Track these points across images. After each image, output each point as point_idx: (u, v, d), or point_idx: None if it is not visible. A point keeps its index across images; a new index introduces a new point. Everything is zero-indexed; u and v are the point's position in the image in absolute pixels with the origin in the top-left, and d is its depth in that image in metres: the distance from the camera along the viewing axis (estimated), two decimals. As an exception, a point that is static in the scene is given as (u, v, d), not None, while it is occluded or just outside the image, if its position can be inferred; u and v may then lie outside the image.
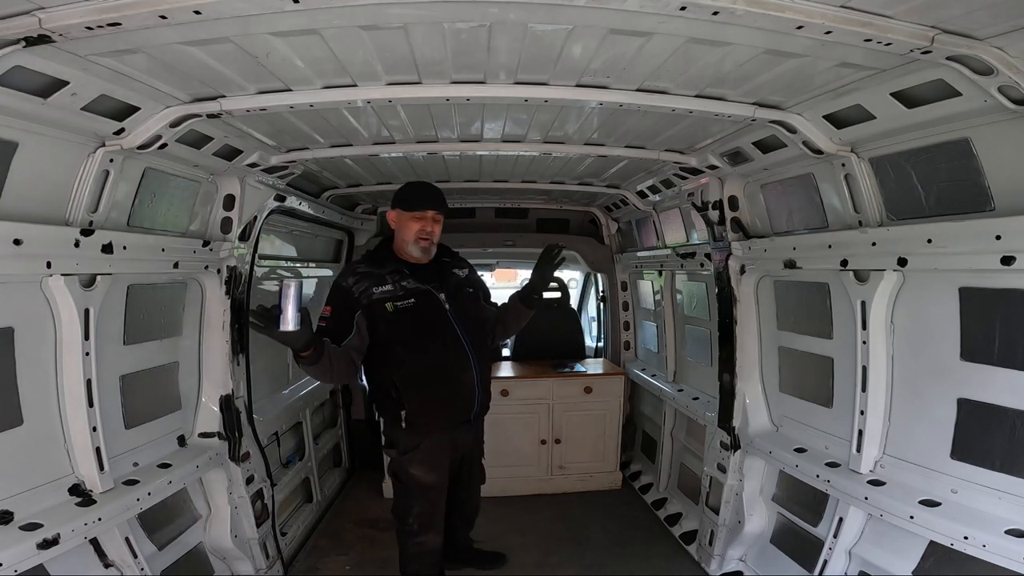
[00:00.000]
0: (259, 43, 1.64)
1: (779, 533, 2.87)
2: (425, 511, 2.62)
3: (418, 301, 2.47)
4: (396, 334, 2.43)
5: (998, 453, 1.85)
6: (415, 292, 2.48)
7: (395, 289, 2.45)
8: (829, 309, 2.52)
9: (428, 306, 2.50)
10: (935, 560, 2.00)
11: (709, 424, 3.29)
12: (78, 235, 1.94)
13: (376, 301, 2.42)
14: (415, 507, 2.60)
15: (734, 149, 2.64)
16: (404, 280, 2.48)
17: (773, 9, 1.40)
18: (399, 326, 2.43)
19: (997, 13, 1.33)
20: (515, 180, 3.80)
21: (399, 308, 2.44)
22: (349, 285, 2.44)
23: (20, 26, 1.38)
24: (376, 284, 2.44)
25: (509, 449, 4.15)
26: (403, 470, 2.58)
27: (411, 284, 2.48)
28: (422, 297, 2.49)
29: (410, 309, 2.45)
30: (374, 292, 2.43)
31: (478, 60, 1.83)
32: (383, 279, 2.46)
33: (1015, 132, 1.65)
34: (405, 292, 2.46)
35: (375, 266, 2.51)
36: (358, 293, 2.42)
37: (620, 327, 5.01)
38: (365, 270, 2.49)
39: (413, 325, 2.45)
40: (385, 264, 2.51)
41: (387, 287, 2.45)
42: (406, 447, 2.55)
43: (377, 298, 2.43)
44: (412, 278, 2.50)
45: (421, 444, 2.54)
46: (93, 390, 2.05)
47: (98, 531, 2.01)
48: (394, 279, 2.47)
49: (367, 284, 2.44)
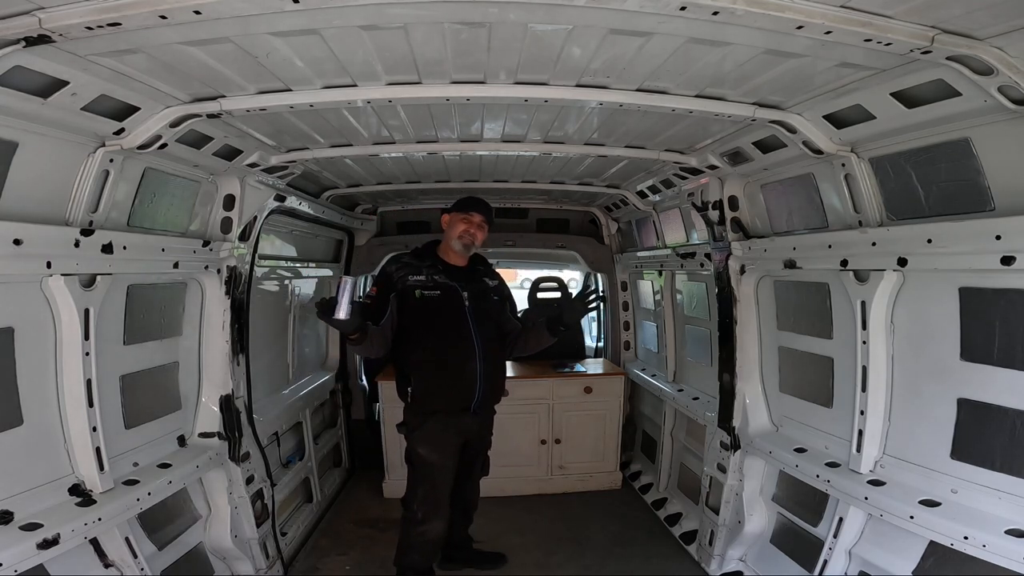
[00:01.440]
0: (259, 43, 1.64)
1: (779, 533, 2.87)
2: (429, 495, 2.77)
3: (443, 294, 2.76)
4: (418, 319, 2.72)
5: (998, 453, 1.85)
6: (443, 286, 2.77)
7: (427, 280, 2.76)
8: (829, 309, 2.52)
9: (451, 300, 2.77)
10: (935, 560, 2.00)
11: (709, 424, 3.29)
12: (78, 235, 1.94)
13: (409, 287, 2.74)
14: (420, 490, 2.78)
15: (734, 149, 2.64)
16: (437, 274, 2.79)
17: (773, 9, 1.40)
18: (422, 312, 2.72)
19: (997, 13, 1.33)
20: (515, 180, 3.80)
21: (425, 296, 2.74)
22: (392, 271, 2.80)
23: (20, 26, 1.37)
24: (412, 273, 2.77)
25: (509, 449, 4.14)
26: (412, 450, 2.80)
27: (441, 279, 2.78)
28: (447, 291, 2.77)
29: (435, 299, 2.75)
30: (409, 279, 2.75)
31: (478, 60, 1.83)
32: (420, 270, 2.79)
33: (1015, 132, 1.65)
34: (435, 284, 2.77)
35: (417, 259, 2.84)
36: (396, 278, 2.75)
37: (620, 327, 5.01)
38: (408, 260, 2.84)
39: (433, 313, 2.74)
40: (425, 259, 2.84)
41: (420, 277, 2.76)
42: (412, 426, 2.79)
43: (410, 284, 2.75)
44: (444, 274, 2.80)
45: (425, 423, 2.76)
46: (93, 390, 2.05)
47: (98, 531, 2.01)
48: (429, 272, 2.78)
49: (406, 272, 2.77)
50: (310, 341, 4.41)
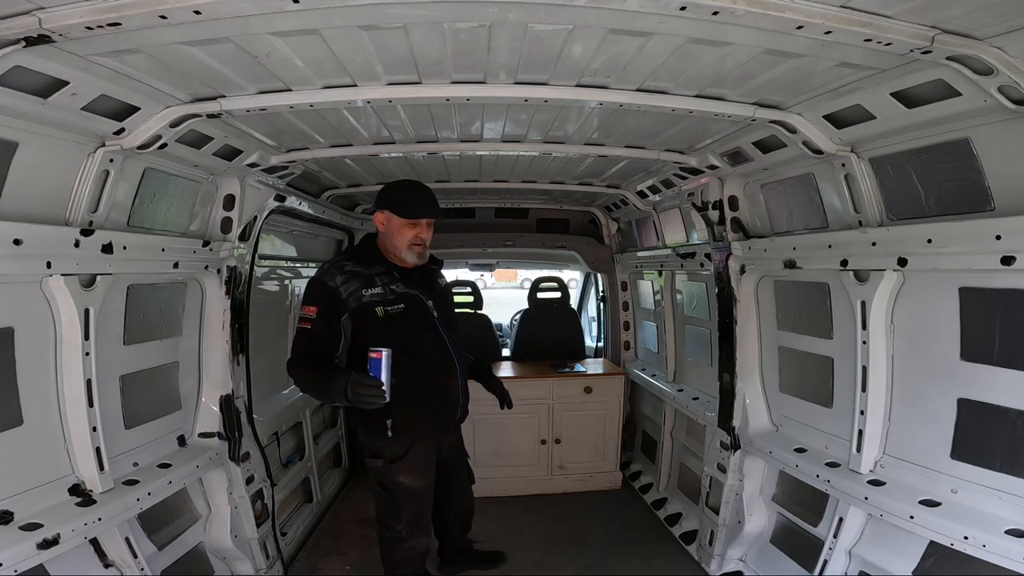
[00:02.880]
0: (259, 43, 1.64)
1: (779, 533, 2.87)
2: (414, 516, 2.57)
3: (408, 307, 2.39)
4: (383, 341, 2.22)
5: (998, 453, 1.85)
6: (405, 297, 2.39)
7: (385, 292, 2.35)
8: (829, 309, 2.52)
9: (417, 312, 2.42)
10: (935, 560, 2.00)
11: (709, 424, 3.29)
12: (78, 235, 1.94)
13: (366, 305, 2.32)
14: (404, 514, 2.54)
15: (734, 149, 2.64)
16: (394, 284, 2.39)
17: (773, 9, 1.40)
18: (387, 332, 2.30)
19: (997, 13, 1.33)
20: (515, 180, 3.80)
21: (389, 313, 2.33)
22: (337, 285, 2.31)
23: (20, 26, 1.37)
24: (365, 286, 2.34)
25: (509, 449, 4.15)
26: (390, 479, 2.49)
27: (400, 288, 2.39)
28: (411, 303, 2.41)
29: (400, 315, 2.36)
30: (363, 295, 2.32)
31: (478, 60, 1.83)
32: (372, 280, 2.36)
33: (1015, 132, 1.65)
34: (396, 297, 2.37)
35: (363, 265, 2.39)
36: (346, 294, 2.31)
37: (620, 327, 5.01)
38: (353, 269, 2.37)
39: (402, 332, 2.34)
40: (373, 264, 2.40)
41: (376, 290, 2.34)
42: (393, 455, 2.47)
43: (367, 301, 2.32)
44: (402, 282, 2.41)
45: (409, 451, 2.47)
46: (93, 390, 2.05)
47: (98, 531, 2.01)
48: (383, 281, 2.37)
49: (356, 285, 2.33)
50: (310, 341, 4.40)
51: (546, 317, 5.06)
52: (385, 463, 2.49)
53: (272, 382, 3.62)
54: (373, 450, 2.52)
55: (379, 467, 2.51)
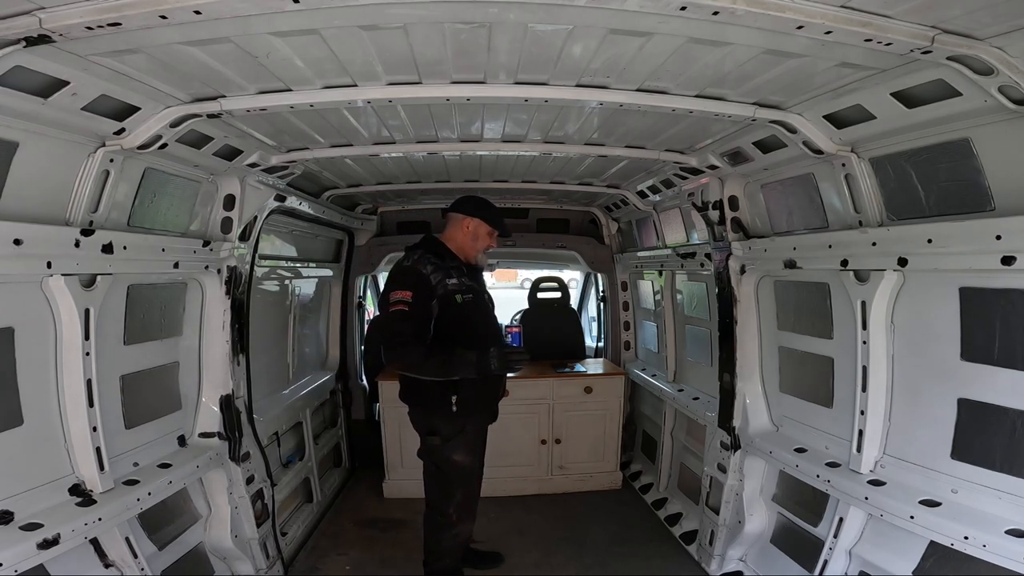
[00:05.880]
0: (259, 43, 1.64)
1: (779, 533, 2.87)
2: (464, 499, 2.76)
3: (475, 297, 2.73)
4: (459, 324, 2.61)
5: (998, 453, 1.85)
6: (471, 289, 2.72)
7: (459, 283, 2.66)
8: (829, 309, 2.52)
9: (480, 302, 2.78)
10: (935, 560, 2.00)
11: (709, 424, 3.29)
12: (78, 235, 1.94)
13: (449, 292, 2.62)
14: (457, 495, 2.73)
15: (734, 149, 2.64)
16: (463, 276, 2.71)
17: (773, 9, 1.40)
18: (464, 317, 2.64)
19: (997, 13, 1.33)
20: (515, 180, 3.80)
21: (465, 301, 2.65)
22: (427, 273, 2.59)
23: (20, 26, 1.37)
24: (447, 276, 2.64)
25: (509, 449, 4.14)
26: (445, 458, 2.70)
27: (468, 281, 2.72)
28: (476, 294, 2.75)
29: (471, 303, 2.69)
30: (448, 283, 2.62)
31: (478, 60, 1.83)
32: (450, 272, 2.66)
33: (1015, 132, 1.65)
34: (467, 288, 2.69)
35: (439, 259, 2.68)
36: (435, 282, 2.59)
37: (620, 327, 5.01)
38: (435, 261, 2.65)
39: (473, 317, 2.70)
40: (446, 259, 2.70)
41: (454, 280, 2.65)
42: (449, 434, 2.67)
43: (450, 289, 2.62)
44: (467, 276, 2.74)
45: (465, 428, 2.69)
46: (93, 390, 2.05)
47: (98, 531, 2.01)
48: (457, 274, 2.68)
49: (441, 275, 2.62)
50: (310, 341, 4.41)
51: (546, 317, 5.06)
52: (441, 440, 2.68)
53: (272, 382, 3.62)
54: (432, 428, 2.71)
55: (436, 445, 2.69)
